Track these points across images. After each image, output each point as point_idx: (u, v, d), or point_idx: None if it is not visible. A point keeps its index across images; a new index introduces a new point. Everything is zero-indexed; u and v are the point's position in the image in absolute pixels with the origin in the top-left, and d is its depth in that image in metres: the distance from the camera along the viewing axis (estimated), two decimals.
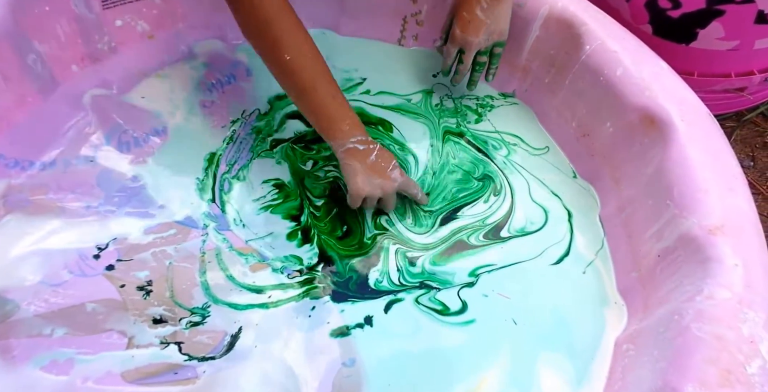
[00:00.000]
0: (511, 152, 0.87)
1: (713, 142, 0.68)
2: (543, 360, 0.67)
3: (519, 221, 0.79)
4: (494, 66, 0.86)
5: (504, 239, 0.77)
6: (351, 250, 0.75)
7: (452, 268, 0.74)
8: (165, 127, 0.82)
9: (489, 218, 0.79)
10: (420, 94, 0.92)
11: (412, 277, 0.72)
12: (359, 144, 0.72)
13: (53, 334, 0.63)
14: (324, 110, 0.71)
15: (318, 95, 0.70)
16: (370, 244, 0.75)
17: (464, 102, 0.92)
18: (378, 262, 0.73)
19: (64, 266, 0.67)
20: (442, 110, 0.91)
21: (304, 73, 0.69)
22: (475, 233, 0.77)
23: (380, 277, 0.72)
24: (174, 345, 0.64)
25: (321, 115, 0.71)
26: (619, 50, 0.76)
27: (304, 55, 0.69)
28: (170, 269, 0.69)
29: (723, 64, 0.98)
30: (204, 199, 0.76)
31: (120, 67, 0.84)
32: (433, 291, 0.71)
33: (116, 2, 0.79)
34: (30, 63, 0.73)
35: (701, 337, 0.54)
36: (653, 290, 0.66)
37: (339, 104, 0.71)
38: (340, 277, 0.72)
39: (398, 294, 0.71)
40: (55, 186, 0.74)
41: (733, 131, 1.18)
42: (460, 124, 0.89)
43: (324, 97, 0.70)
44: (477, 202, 0.81)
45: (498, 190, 0.82)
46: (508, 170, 0.84)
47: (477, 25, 0.78)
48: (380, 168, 0.73)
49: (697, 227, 0.61)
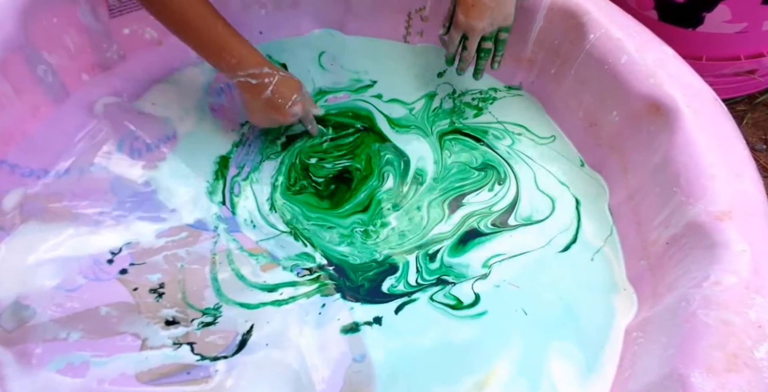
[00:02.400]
0: (516, 141, 0.87)
1: (720, 127, 0.67)
2: (553, 349, 0.67)
3: (525, 210, 0.79)
4: (500, 53, 0.83)
5: (512, 227, 0.78)
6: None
7: (468, 259, 0.74)
8: (175, 132, 0.83)
9: (495, 206, 0.79)
10: (423, 100, 0.92)
11: (429, 274, 0.73)
12: (251, 78, 0.71)
13: (69, 338, 0.64)
14: (211, 43, 0.70)
15: (205, 29, 0.70)
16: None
17: (464, 99, 0.92)
18: (397, 271, 0.73)
19: (79, 272, 0.69)
20: (437, 114, 0.90)
21: (188, 11, 0.68)
22: (483, 219, 0.78)
23: (396, 282, 0.72)
24: (186, 345, 0.65)
25: (208, 48, 0.71)
26: (623, 38, 0.76)
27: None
28: (182, 272, 0.71)
29: (731, 47, 0.96)
30: (215, 202, 0.77)
31: (130, 74, 0.85)
32: (449, 286, 0.72)
33: (123, 11, 0.80)
34: (41, 74, 0.74)
35: (708, 323, 0.53)
36: (662, 277, 0.66)
37: (227, 36, 0.70)
38: (351, 283, 0.72)
39: (413, 295, 0.71)
40: (70, 194, 0.75)
41: (745, 115, 1.15)
42: (454, 122, 0.89)
43: (210, 30, 0.70)
44: (481, 190, 0.81)
45: (502, 179, 0.82)
46: (513, 160, 0.84)
47: (481, 10, 0.76)
48: (277, 105, 0.73)
49: (704, 213, 0.61)
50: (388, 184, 0.82)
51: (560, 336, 0.68)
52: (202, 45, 0.71)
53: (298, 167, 0.83)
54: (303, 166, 0.83)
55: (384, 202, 0.79)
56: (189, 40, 0.71)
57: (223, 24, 0.70)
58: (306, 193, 0.80)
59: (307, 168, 0.83)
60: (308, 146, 0.85)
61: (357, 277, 0.72)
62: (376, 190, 0.81)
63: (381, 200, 0.80)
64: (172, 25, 0.70)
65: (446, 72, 0.94)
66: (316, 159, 0.84)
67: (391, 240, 0.76)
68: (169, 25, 0.71)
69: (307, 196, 0.80)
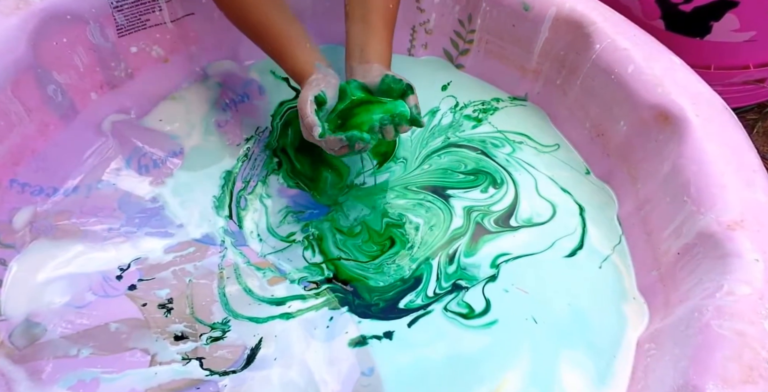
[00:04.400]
0: (516, 149, 0.86)
1: (730, 136, 0.67)
2: (564, 358, 0.66)
3: (525, 212, 0.79)
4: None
5: (514, 228, 0.78)
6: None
7: (479, 259, 0.74)
8: (182, 148, 0.84)
9: (494, 206, 0.80)
10: (426, 117, 0.90)
11: (447, 280, 0.73)
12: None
13: (79, 354, 0.64)
14: (270, 50, 0.73)
15: (264, 36, 0.72)
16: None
17: (465, 112, 0.91)
18: (420, 284, 0.73)
19: (89, 288, 0.69)
20: (432, 132, 0.88)
21: (250, 15, 0.70)
22: (486, 217, 0.78)
23: (415, 297, 0.72)
24: (195, 360, 0.65)
25: (272, 55, 0.73)
26: (630, 47, 0.75)
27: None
28: (190, 287, 0.71)
29: (740, 56, 0.96)
30: (221, 216, 0.78)
31: (137, 91, 0.86)
32: (462, 292, 0.71)
33: (131, 30, 0.81)
34: (51, 94, 0.75)
35: (722, 334, 0.52)
36: (674, 288, 0.65)
37: (283, 41, 0.71)
38: (362, 301, 0.71)
39: (428, 307, 0.70)
40: (79, 211, 0.76)
41: (756, 123, 1.14)
42: (449, 136, 0.88)
43: (269, 36, 0.71)
44: (470, 190, 0.82)
45: (498, 183, 0.82)
46: (512, 168, 0.84)
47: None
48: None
49: (715, 222, 0.60)
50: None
51: (571, 344, 0.67)
52: (267, 51, 0.73)
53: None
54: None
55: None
56: (259, 46, 0.74)
57: (279, 28, 0.71)
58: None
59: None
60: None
61: (371, 297, 0.72)
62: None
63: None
64: (241, 29, 0.74)
65: (450, 84, 0.94)
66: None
67: (428, 240, 0.77)
68: (239, 27, 0.74)
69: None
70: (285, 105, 0.90)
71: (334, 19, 0.93)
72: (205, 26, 0.87)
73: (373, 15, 0.73)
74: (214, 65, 0.92)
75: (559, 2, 0.81)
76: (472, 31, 0.91)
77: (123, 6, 0.78)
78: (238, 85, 0.92)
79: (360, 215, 0.79)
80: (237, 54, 0.93)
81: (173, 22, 0.84)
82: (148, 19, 0.81)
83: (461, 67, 0.97)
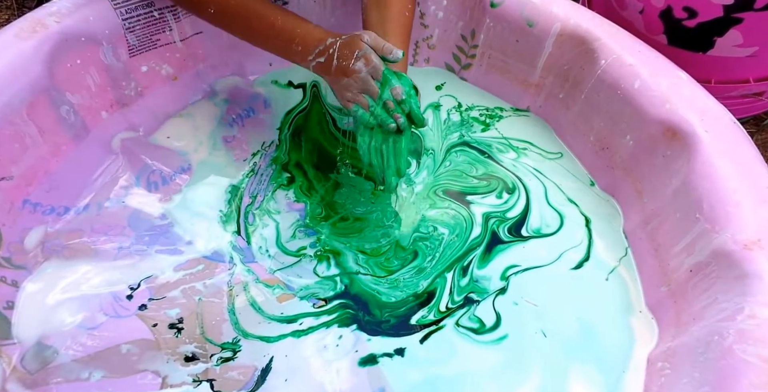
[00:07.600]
0: (521, 155, 0.88)
1: (741, 151, 0.66)
2: (574, 374, 0.67)
3: (535, 221, 0.80)
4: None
5: (525, 238, 0.78)
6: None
7: (490, 271, 0.75)
8: (190, 164, 0.84)
9: (508, 212, 0.81)
10: (429, 109, 0.93)
11: (459, 293, 0.73)
12: (319, 57, 0.70)
13: (91, 378, 0.64)
14: (275, 40, 0.71)
15: (264, 30, 0.70)
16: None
17: (472, 114, 0.93)
18: (433, 299, 0.73)
19: (100, 309, 0.69)
20: (448, 126, 0.91)
21: (245, 15, 0.69)
22: (501, 224, 0.79)
23: (427, 312, 0.72)
24: (206, 382, 0.65)
25: (275, 47, 0.72)
26: (636, 63, 0.76)
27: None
28: (200, 306, 0.71)
29: (741, 71, 0.96)
30: (228, 231, 0.78)
31: (146, 109, 0.87)
32: (473, 306, 0.71)
33: (142, 49, 0.82)
34: (64, 114, 0.76)
35: (747, 360, 0.52)
36: (686, 305, 0.64)
37: (286, 25, 0.70)
38: (372, 318, 0.71)
39: (440, 323, 0.71)
40: (89, 230, 0.76)
41: (753, 136, 1.15)
42: (464, 135, 0.90)
43: (270, 28, 0.70)
44: (487, 195, 0.83)
45: (511, 188, 0.83)
46: (520, 172, 0.85)
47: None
48: (343, 68, 0.68)
49: (731, 241, 0.59)
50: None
51: (580, 359, 0.68)
52: (269, 45, 0.72)
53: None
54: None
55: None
56: (256, 44, 0.73)
57: (277, 16, 0.70)
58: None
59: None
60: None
61: (382, 313, 0.72)
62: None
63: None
64: (235, 32, 0.73)
65: (444, 85, 0.96)
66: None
67: (447, 252, 0.77)
68: (232, 31, 0.73)
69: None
70: (291, 114, 0.91)
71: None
72: (212, 44, 0.88)
73: (390, 24, 0.74)
74: (221, 82, 0.93)
75: (564, 18, 0.81)
76: (475, 46, 0.92)
77: (135, 27, 0.78)
78: (244, 100, 0.92)
79: (392, 238, 0.79)
80: (243, 69, 0.94)
81: (182, 41, 0.84)
82: (158, 39, 0.82)
83: (464, 80, 0.98)
